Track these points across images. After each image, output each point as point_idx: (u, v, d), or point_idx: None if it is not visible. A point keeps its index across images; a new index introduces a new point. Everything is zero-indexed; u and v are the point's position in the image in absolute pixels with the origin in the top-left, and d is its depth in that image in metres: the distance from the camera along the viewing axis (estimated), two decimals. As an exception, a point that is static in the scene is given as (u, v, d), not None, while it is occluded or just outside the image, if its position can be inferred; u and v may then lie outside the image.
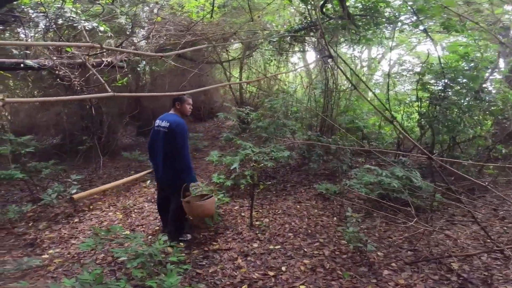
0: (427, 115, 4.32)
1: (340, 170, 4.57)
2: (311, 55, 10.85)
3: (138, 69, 3.96)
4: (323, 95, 5.97)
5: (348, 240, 2.74)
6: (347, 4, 4.92)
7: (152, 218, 3.69)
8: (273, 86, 7.99)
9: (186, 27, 4.16)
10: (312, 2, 4.80)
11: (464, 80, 4.23)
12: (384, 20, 5.05)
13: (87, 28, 3.22)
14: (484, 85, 4.43)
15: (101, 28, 3.41)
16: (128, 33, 3.75)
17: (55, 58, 3.11)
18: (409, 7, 4.45)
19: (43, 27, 3.07)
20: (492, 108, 4.43)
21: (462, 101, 4.26)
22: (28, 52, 3.07)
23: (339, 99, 5.92)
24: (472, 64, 4.17)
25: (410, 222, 2.65)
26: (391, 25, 5.18)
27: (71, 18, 3.07)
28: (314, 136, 4.89)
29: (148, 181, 4.98)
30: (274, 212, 3.93)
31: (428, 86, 4.53)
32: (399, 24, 5.11)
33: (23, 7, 2.76)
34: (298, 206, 4.12)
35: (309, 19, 5.60)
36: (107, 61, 3.70)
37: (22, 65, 2.97)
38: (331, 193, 4.14)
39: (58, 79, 3.22)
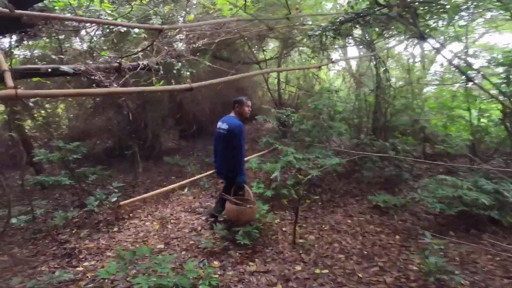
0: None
1: (400, 179, 3.89)
2: (354, 53, 9.91)
3: (174, 71, 3.82)
4: (375, 92, 5.27)
5: (428, 271, 2.17)
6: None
7: (188, 230, 3.46)
8: (314, 86, 7.43)
9: (219, 25, 3.92)
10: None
11: None
12: (451, 7, 4.18)
13: (122, 30, 3.16)
14: None
15: (136, 30, 3.32)
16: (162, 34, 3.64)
17: (91, 62, 3.09)
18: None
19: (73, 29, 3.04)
20: None
21: None
22: (62, 57, 3.07)
23: (394, 97, 5.16)
24: None
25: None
26: (462, 13, 4.29)
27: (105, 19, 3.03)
28: (368, 140, 4.26)
29: (186, 189, 4.82)
30: (320, 227, 3.43)
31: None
32: (472, 11, 4.21)
33: (56, 8, 2.75)
34: (349, 221, 3.56)
35: (355, 8, 4.97)
36: (143, 64, 3.62)
37: (49, 70, 2.96)
38: (391, 206, 3.51)
39: (94, 84, 3.19)
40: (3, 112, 6.37)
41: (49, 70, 2.83)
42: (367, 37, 5.61)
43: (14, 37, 2.84)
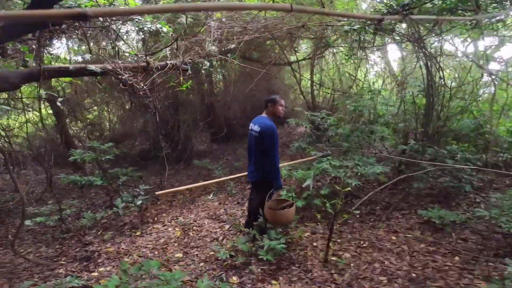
0: None
1: (458, 192, 3.27)
2: (394, 53, 9.08)
3: (203, 71, 3.67)
4: (425, 94, 4.62)
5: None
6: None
7: (209, 239, 3.22)
8: (352, 87, 6.88)
9: (248, 23, 3.70)
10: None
11: None
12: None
13: (151, 30, 3.10)
14: None
15: (164, 29, 3.24)
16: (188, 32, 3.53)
17: (120, 62, 3.07)
18: None
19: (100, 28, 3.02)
20: None
21: None
22: (89, 56, 3.08)
23: (450, 99, 4.46)
24: None
25: None
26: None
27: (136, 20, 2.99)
28: (419, 146, 3.69)
29: (212, 194, 4.63)
30: (357, 244, 2.96)
31: None
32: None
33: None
34: (394, 238, 3.04)
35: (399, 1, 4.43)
36: (171, 63, 3.52)
37: (72, 69, 2.95)
38: (448, 222, 2.94)
39: (121, 84, 3.15)
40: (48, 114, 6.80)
41: (73, 70, 2.83)
42: (414, 33, 4.99)
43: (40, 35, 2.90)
